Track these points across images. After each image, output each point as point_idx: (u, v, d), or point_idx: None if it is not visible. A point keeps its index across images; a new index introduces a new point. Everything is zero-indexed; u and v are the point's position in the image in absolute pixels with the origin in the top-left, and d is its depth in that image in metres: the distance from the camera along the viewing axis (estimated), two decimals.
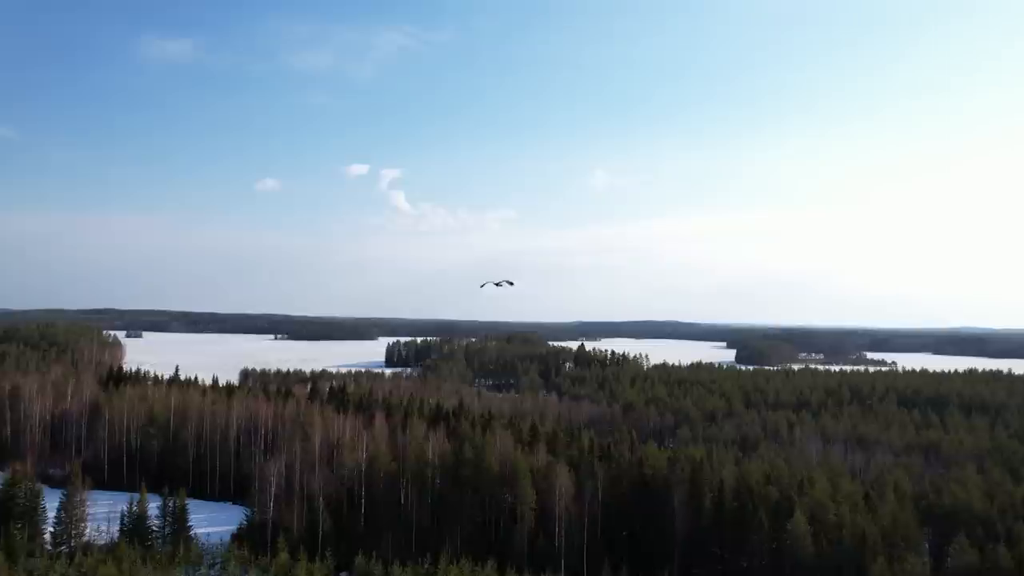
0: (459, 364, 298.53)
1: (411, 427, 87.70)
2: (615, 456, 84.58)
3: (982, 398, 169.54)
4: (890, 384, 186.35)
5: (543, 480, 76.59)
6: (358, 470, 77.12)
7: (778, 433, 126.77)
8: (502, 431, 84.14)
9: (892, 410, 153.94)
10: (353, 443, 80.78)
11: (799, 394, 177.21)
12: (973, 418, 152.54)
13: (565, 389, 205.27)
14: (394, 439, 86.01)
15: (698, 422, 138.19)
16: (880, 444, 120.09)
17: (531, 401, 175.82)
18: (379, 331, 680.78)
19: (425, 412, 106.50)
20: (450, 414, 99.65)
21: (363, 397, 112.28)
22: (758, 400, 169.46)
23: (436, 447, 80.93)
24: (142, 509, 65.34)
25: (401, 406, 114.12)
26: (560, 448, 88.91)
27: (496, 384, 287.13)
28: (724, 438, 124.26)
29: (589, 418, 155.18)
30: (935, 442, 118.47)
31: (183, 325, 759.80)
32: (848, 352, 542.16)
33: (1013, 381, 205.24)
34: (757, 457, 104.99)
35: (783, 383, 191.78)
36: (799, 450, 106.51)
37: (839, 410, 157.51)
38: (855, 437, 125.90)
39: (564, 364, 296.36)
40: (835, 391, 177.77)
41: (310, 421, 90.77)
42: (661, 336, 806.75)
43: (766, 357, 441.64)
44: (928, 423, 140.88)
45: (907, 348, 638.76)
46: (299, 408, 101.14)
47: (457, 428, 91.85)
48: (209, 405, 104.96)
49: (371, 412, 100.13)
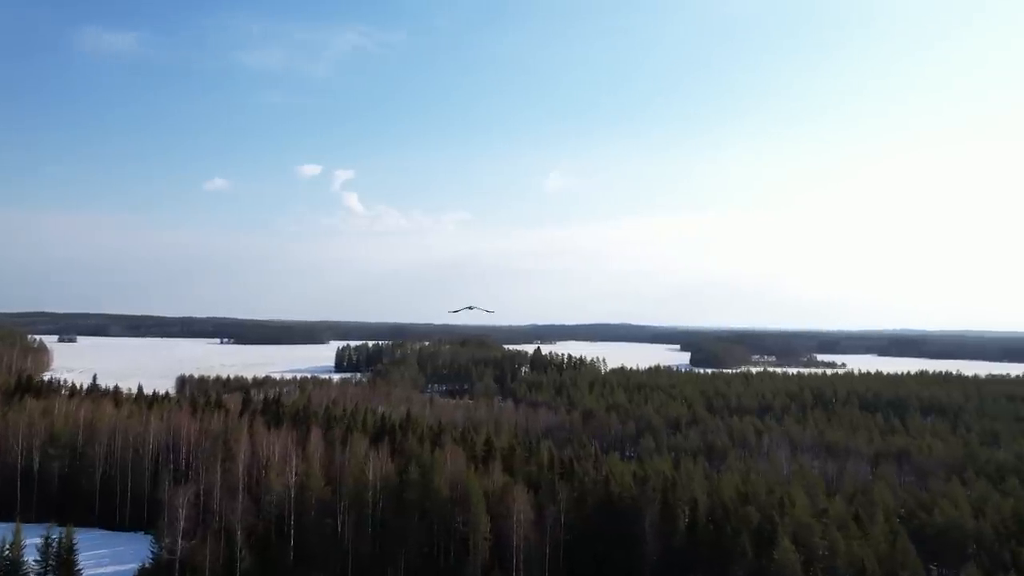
0: (411, 369, 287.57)
1: (351, 444, 77.94)
2: (578, 473, 76.54)
3: (939, 401, 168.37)
4: (850, 387, 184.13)
5: (499, 503, 67.98)
6: (287, 496, 67.04)
7: (745, 440, 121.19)
8: (453, 446, 75.26)
9: (855, 414, 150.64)
10: (283, 464, 70.59)
11: (761, 398, 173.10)
12: (934, 421, 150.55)
13: (521, 395, 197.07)
14: (331, 458, 76.20)
15: (661, 430, 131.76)
16: (850, 451, 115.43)
17: (486, 408, 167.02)
18: (331, 334, 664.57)
19: (368, 425, 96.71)
20: (396, 427, 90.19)
21: (300, 409, 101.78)
22: (720, 405, 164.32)
23: (379, 466, 71.50)
24: (15, 550, 54.06)
25: (343, 418, 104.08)
26: (518, 465, 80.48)
27: (450, 390, 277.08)
28: (689, 447, 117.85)
29: (547, 426, 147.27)
30: (904, 448, 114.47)
31: (123, 329, 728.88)
32: (799, 354, 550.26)
33: (965, 383, 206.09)
34: (727, 468, 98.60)
35: (744, 387, 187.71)
36: (768, 459, 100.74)
37: (803, 415, 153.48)
38: (823, 444, 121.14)
39: (520, 368, 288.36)
40: (797, 395, 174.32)
41: (236, 438, 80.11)
42: (615, 339, 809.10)
43: (721, 360, 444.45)
44: (892, 428, 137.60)
45: (854, 350, 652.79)
46: (226, 423, 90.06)
47: (403, 444, 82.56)
48: (123, 419, 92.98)
49: (308, 426, 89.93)
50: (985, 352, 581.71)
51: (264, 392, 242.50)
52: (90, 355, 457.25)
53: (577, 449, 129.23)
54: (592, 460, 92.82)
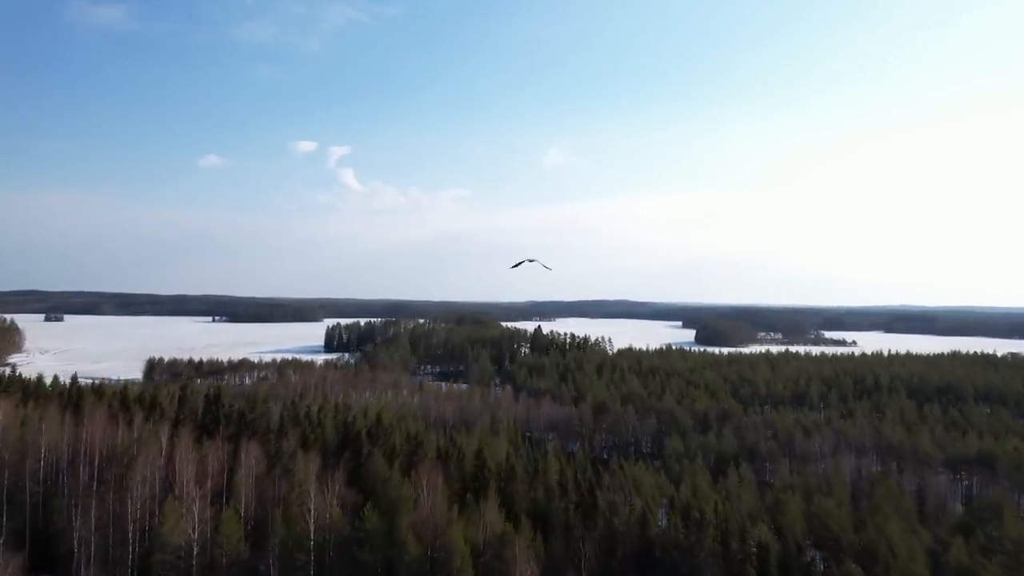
0: (402, 349, 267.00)
1: (295, 469, 57.24)
2: (602, 507, 56.09)
3: (996, 387, 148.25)
4: (889, 371, 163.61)
5: (495, 559, 47.79)
6: (187, 554, 46.40)
7: (791, 440, 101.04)
8: (431, 471, 54.80)
9: (906, 404, 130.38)
10: (191, 503, 49.72)
11: (793, 385, 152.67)
12: (996, 411, 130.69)
13: (522, 380, 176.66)
14: (263, 490, 55.67)
15: (688, 427, 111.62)
16: (918, 455, 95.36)
17: (481, 397, 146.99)
18: (325, 312, 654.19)
19: (330, 432, 75.97)
20: (362, 436, 69.40)
21: (246, 410, 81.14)
22: (748, 394, 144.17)
23: (328, 503, 51.04)
24: None
25: (303, 420, 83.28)
26: (519, 492, 60.14)
27: (444, 372, 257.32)
28: (725, 449, 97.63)
29: (552, 420, 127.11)
30: (986, 452, 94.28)
31: (115, 307, 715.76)
32: (805, 331, 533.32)
33: (1014, 366, 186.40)
34: (780, 483, 78.38)
35: (770, 372, 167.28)
36: (831, 469, 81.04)
37: (845, 406, 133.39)
38: (882, 444, 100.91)
39: (519, 349, 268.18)
40: (833, 380, 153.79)
41: (145, 458, 59.39)
42: (614, 315, 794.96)
43: (726, 337, 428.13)
44: (954, 422, 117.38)
45: (858, 326, 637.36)
46: (140, 433, 69.14)
47: (368, 463, 61.94)
48: (16, 427, 72.29)
49: (249, 437, 69.04)
50: (995, 329, 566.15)
51: (238, 377, 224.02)
52: (71, 335, 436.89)
53: (589, 451, 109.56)
54: (614, 476, 72.67)
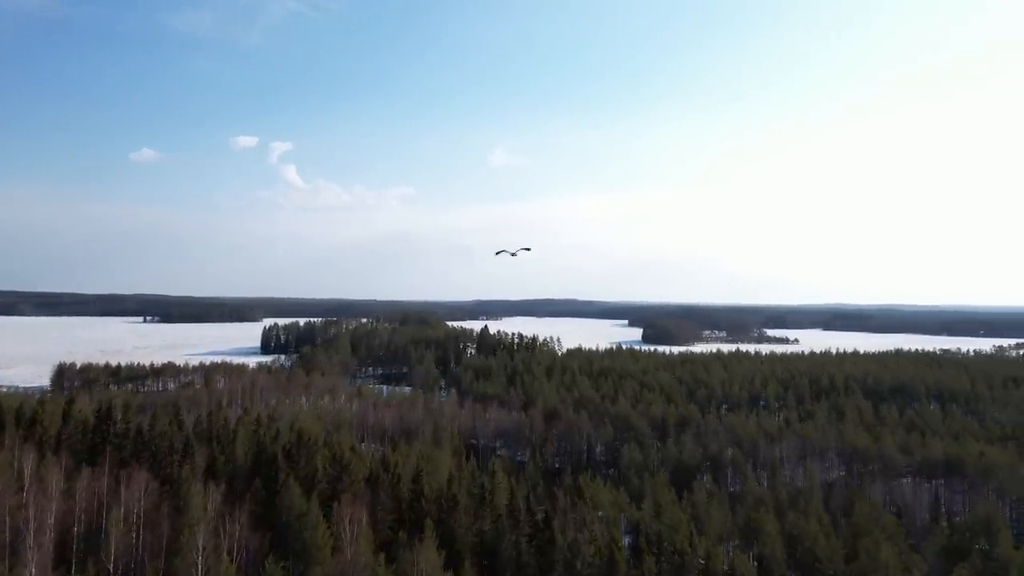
0: (343, 351, 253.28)
1: (191, 504, 46.05)
2: (562, 549, 46.98)
3: (947, 386, 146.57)
4: (843, 371, 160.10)
5: None
6: None
7: (756, 448, 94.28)
8: (355, 506, 44.66)
9: (863, 404, 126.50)
10: (30, 560, 38.17)
11: (749, 386, 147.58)
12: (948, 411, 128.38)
13: (467, 384, 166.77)
14: (145, 532, 44.34)
15: (646, 433, 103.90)
16: (884, 459, 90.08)
17: (424, 403, 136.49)
18: (265, 312, 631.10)
19: (241, 453, 64.50)
20: (278, 458, 58.12)
21: (145, 429, 68.23)
22: (703, 396, 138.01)
23: (223, 549, 40.37)
24: None
25: (211, 437, 70.91)
26: (461, 526, 50.57)
27: (386, 374, 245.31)
28: (687, 459, 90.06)
29: (500, 429, 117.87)
30: (954, 457, 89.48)
31: (34, 308, 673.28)
32: (748, 329, 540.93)
33: (960, 365, 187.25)
34: (755, 502, 71.05)
35: (724, 372, 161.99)
36: (803, 481, 74.37)
37: (803, 407, 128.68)
38: (849, 450, 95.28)
39: (465, 349, 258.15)
40: (789, 381, 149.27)
41: None
42: (561, 314, 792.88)
43: (673, 336, 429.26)
44: (912, 423, 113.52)
45: (799, 324, 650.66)
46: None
47: (280, 496, 51.07)
48: None
49: (144, 461, 57.13)
50: (924, 326, 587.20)
51: (161, 383, 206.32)
52: None
53: (540, 461, 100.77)
54: (570, 497, 63.99)
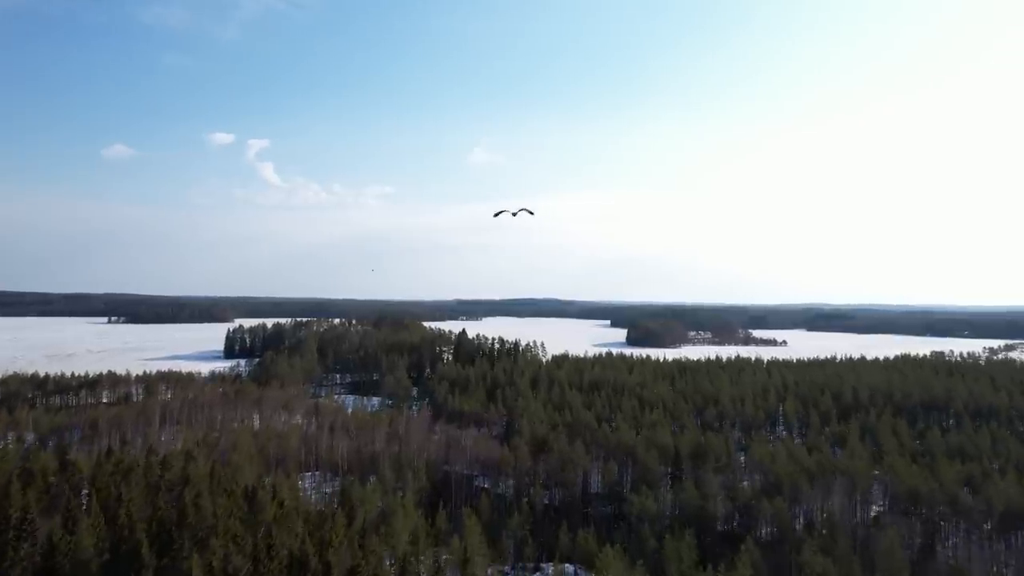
0: (308, 357, 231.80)
1: None
2: None
3: (987, 400, 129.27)
4: (864, 382, 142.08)
5: None
6: None
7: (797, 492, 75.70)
8: None
9: (900, 426, 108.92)
10: None
11: (763, 402, 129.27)
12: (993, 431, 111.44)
13: (442, 399, 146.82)
14: None
15: (657, 472, 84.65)
16: (957, 507, 72.47)
17: (390, 424, 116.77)
18: (237, 312, 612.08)
19: (103, 532, 44.43)
20: (142, 549, 38.36)
21: None
22: (712, 416, 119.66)
23: None
24: None
25: (71, 502, 51.13)
26: None
27: (355, 382, 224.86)
28: (711, 511, 71.49)
29: (479, 460, 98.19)
30: (1017, 501, 71.94)
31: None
32: (734, 330, 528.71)
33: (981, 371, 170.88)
34: None
35: (731, 384, 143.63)
36: (851, 534, 56.41)
37: (828, 429, 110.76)
38: (905, 494, 77.32)
39: (442, 354, 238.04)
40: (807, 397, 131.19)
41: None
42: (542, 314, 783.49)
43: (659, 338, 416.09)
44: (962, 450, 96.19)
45: (782, 324, 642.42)
46: None
47: None
48: None
49: None
50: (909, 327, 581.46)
51: (94, 396, 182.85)
52: None
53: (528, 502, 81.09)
54: None
